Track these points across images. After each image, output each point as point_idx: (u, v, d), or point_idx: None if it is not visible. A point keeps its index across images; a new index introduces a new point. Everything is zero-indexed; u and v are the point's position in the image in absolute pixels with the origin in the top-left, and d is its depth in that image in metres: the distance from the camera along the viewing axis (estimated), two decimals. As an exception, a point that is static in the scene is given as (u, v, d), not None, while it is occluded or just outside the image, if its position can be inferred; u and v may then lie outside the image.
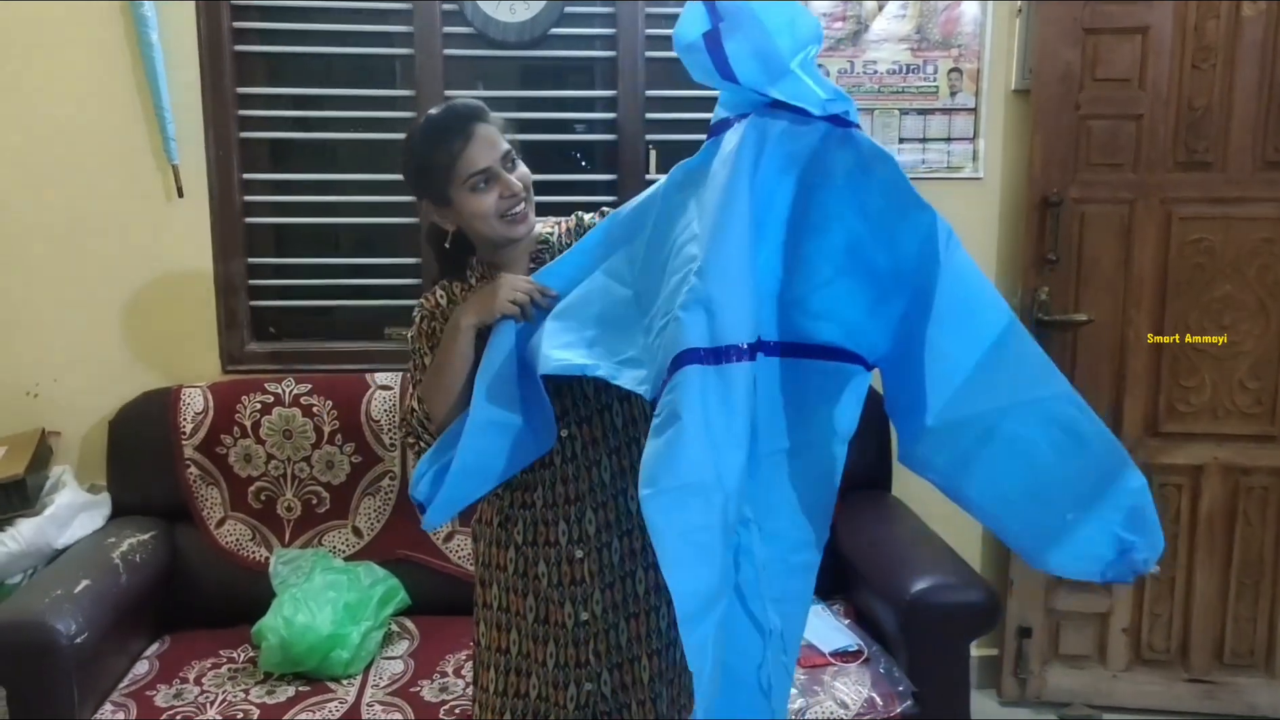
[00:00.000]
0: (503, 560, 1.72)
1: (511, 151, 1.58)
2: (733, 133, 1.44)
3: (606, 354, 1.46)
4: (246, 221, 2.68)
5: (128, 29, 2.51)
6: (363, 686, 2.20)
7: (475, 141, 1.54)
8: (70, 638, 1.97)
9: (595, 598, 1.68)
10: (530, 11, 2.63)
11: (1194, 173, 2.61)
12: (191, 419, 2.50)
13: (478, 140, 1.54)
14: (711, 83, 1.45)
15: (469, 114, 1.56)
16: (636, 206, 1.57)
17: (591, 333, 1.49)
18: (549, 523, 1.67)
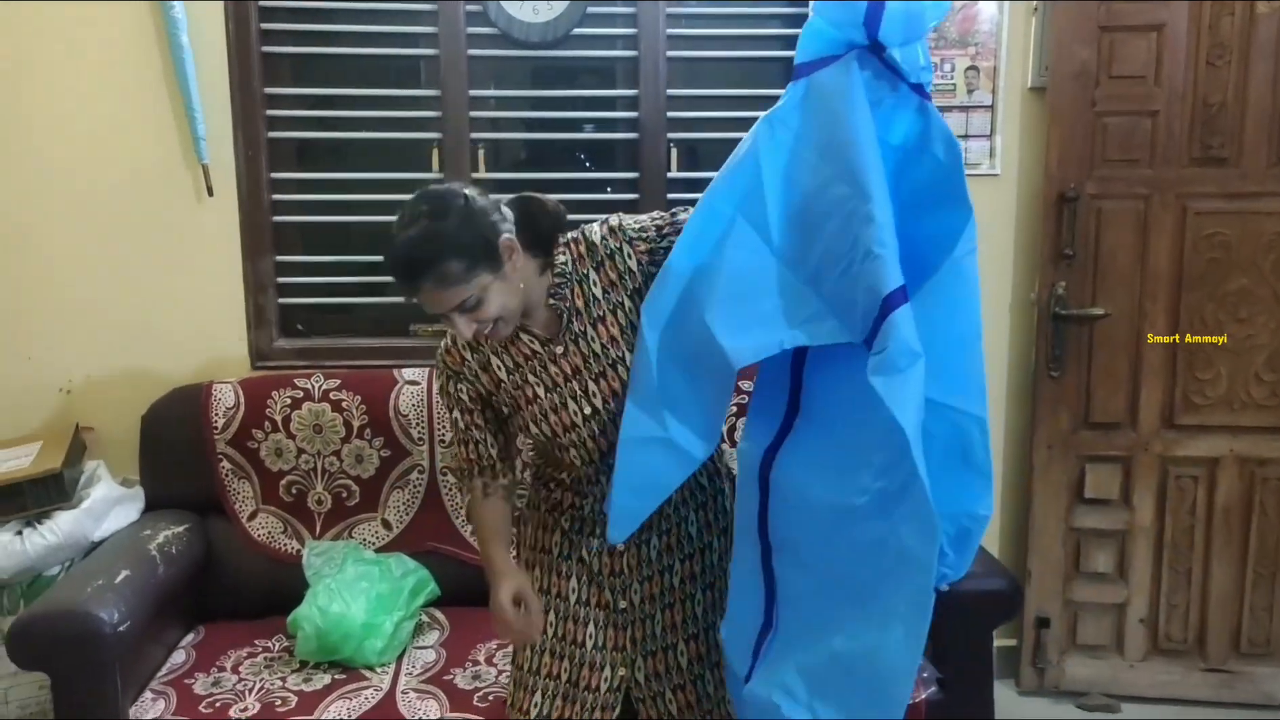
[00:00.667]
0: (548, 544, 1.77)
1: (466, 300, 1.51)
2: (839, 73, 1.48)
3: (786, 322, 1.46)
4: (275, 220, 2.73)
5: (159, 32, 2.55)
6: (396, 675, 2.24)
7: (424, 297, 1.52)
8: (113, 626, 2.01)
9: (634, 588, 1.73)
10: (553, 12, 2.67)
11: (1209, 168, 2.65)
12: (223, 414, 2.54)
13: (425, 297, 1.52)
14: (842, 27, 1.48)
15: (409, 274, 1.51)
16: (735, 177, 1.55)
17: (759, 308, 1.48)
18: (596, 518, 1.72)
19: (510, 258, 1.53)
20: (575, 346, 1.65)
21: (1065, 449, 2.77)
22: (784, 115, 1.53)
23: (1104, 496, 2.78)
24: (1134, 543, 2.79)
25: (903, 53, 1.48)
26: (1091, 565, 2.82)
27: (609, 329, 1.64)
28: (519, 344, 1.66)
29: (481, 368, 1.69)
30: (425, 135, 2.74)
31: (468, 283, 1.49)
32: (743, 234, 1.52)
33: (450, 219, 1.49)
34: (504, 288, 1.53)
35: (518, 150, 2.89)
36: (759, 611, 1.61)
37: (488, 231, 1.51)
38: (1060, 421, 2.75)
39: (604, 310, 1.64)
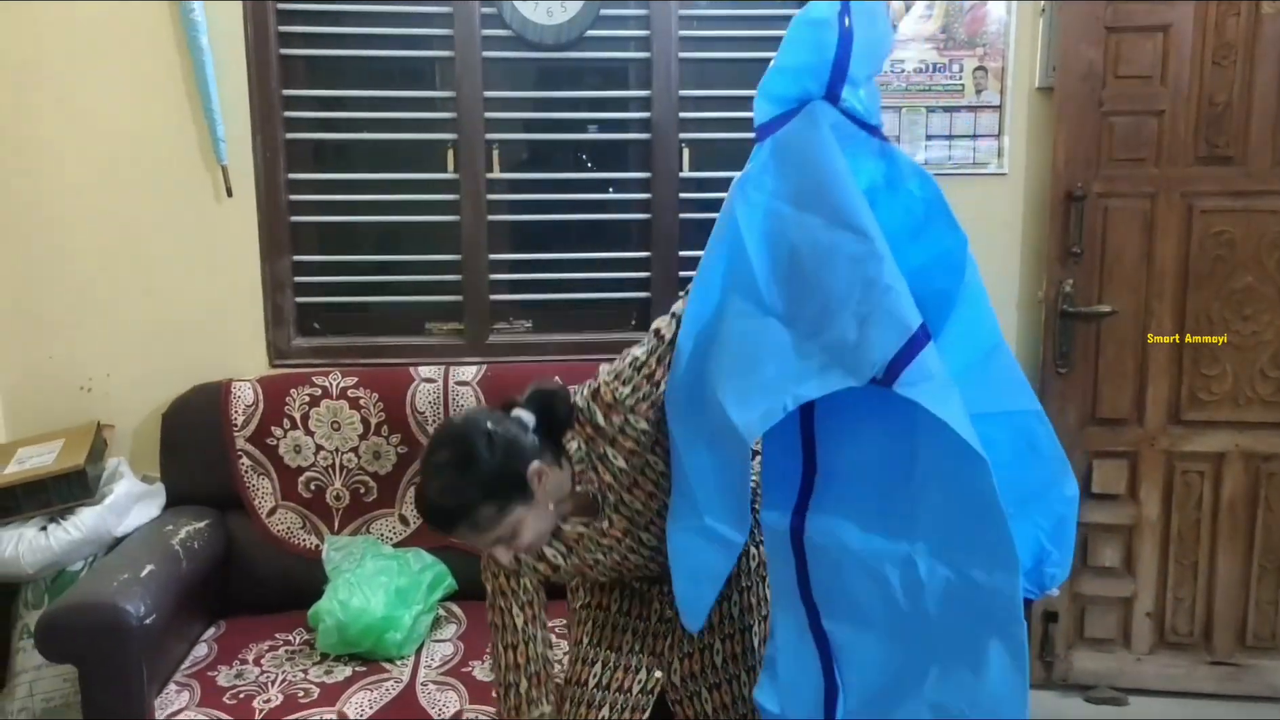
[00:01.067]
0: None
1: (503, 536, 1.53)
2: (803, 124, 1.49)
3: (791, 382, 1.42)
4: (292, 220, 2.77)
5: (178, 35, 2.59)
6: (416, 667, 2.28)
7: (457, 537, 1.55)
8: (139, 619, 2.05)
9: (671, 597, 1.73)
10: (567, 14, 2.71)
11: (1215, 167, 2.68)
12: (243, 411, 2.58)
13: (459, 538, 1.55)
14: (812, 69, 1.49)
15: (444, 525, 1.53)
16: (719, 249, 1.55)
17: (762, 375, 1.45)
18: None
19: (540, 482, 1.53)
20: (618, 514, 1.65)
21: (1073, 445, 2.79)
22: (755, 177, 1.52)
23: (1111, 491, 2.81)
24: (1140, 537, 2.83)
25: (855, 97, 1.50)
26: (1099, 559, 2.85)
27: (644, 488, 1.64)
28: (565, 533, 1.68)
29: (537, 559, 1.70)
30: (441, 136, 2.77)
31: (501, 522, 1.51)
32: (735, 303, 1.51)
33: (476, 467, 1.49)
34: (538, 514, 1.54)
35: (532, 151, 2.92)
36: (817, 674, 1.55)
37: (515, 467, 1.51)
38: (1068, 417, 2.78)
39: (633, 476, 1.63)
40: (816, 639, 1.54)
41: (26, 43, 2.58)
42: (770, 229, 1.50)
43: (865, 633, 1.50)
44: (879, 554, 1.45)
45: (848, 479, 1.51)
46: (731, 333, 1.50)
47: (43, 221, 2.65)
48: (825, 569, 1.50)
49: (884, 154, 1.53)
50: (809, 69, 1.49)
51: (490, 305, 2.84)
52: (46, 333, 2.70)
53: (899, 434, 1.43)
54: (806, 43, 1.50)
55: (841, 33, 1.47)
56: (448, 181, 2.79)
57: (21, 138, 2.62)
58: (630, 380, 1.59)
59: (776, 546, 1.54)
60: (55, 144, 2.63)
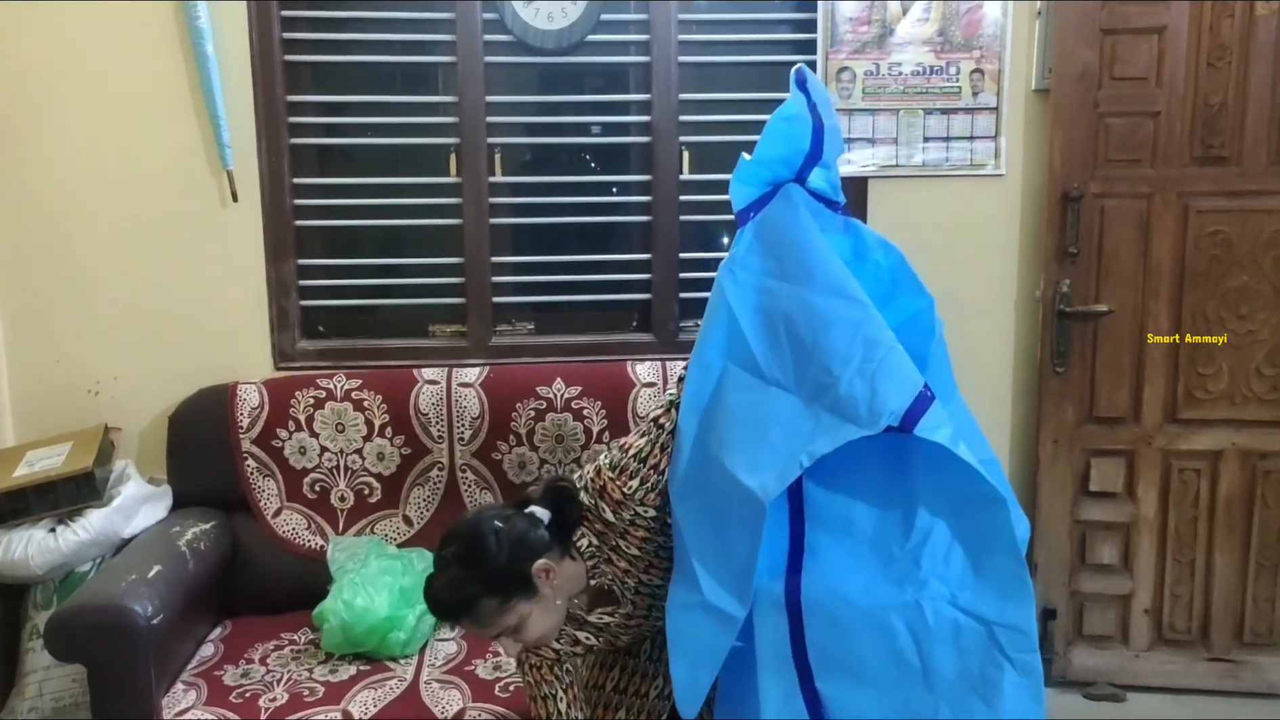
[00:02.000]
0: None
1: (506, 629, 1.58)
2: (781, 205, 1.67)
3: (800, 441, 1.46)
4: (297, 224, 2.79)
5: (184, 41, 2.62)
6: (419, 666, 2.30)
7: (462, 628, 1.63)
8: (148, 619, 2.08)
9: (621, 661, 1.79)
10: (567, 19, 2.73)
11: (1210, 167, 2.70)
12: (248, 414, 2.61)
13: (463, 629, 1.64)
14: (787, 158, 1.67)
15: (447, 616, 1.62)
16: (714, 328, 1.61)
17: (770, 441, 1.50)
18: None
19: (547, 579, 1.59)
20: (639, 595, 1.69)
21: (1070, 443, 2.82)
22: (742, 259, 1.64)
23: (1108, 490, 2.84)
24: (1138, 535, 2.85)
25: (823, 178, 1.68)
26: (1097, 557, 2.87)
27: (660, 567, 1.67)
28: (589, 624, 1.72)
29: (571, 645, 1.75)
30: (443, 140, 2.80)
31: (503, 616, 1.56)
32: (734, 377, 1.57)
33: (481, 564, 1.55)
34: (544, 609, 1.59)
35: (533, 154, 2.95)
36: None
37: (520, 565, 1.57)
38: (1065, 416, 2.80)
39: (649, 560, 1.67)
40: (807, 701, 1.55)
41: (33, 49, 2.61)
42: (763, 304, 1.59)
43: (864, 687, 1.51)
44: (883, 604, 1.48)
45: (844, 534, 1.54)
46: (734, 406, 1.55)
47: (50, 227, 2.69)
48: (823, 627, 1.52)
49: (849, 229, 1.69)
50: (784, 159, 1.67)
51: (493, 307, 2.86)
52: (55, 337, 2.73)
53: (895, 484, 1.48)
54: (784, 136, 1.67)
55: (814, 124, 1.65)
56: (450, 185, 2.81)
57: (29, 144, 2.65)
58: (637, 473, 1.63)
59: (766, 611, 1.54)
60: (62, 150, 2.66)
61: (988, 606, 1.45)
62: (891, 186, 2.82)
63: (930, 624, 1.46)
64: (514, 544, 1.57)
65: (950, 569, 1.47)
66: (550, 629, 1.63)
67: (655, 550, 1.66)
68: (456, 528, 1.63)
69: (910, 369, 1.46)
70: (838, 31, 2.76)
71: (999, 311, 2.88)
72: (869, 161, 2.81)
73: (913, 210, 2.83)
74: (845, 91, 2.77)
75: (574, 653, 1.77)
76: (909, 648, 1.47)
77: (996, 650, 1.45)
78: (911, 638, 1.47)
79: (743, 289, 1.61)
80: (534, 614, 1.58)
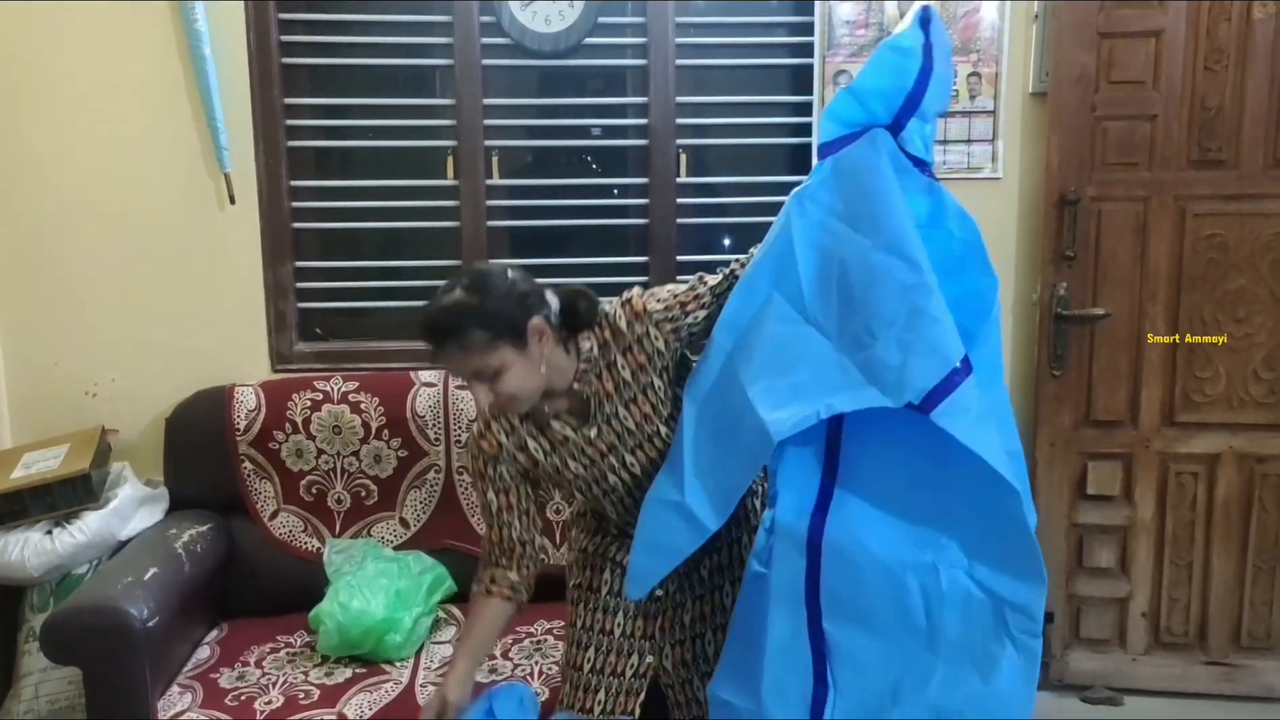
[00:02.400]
0: (586, 544, 1.85)
1: (483, 371, 1.57)
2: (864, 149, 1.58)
3: (824, 391, 1.47)
4: (294, 227, 2.80)
5: (181, 44, 2.62)
6: (415, 668, 2.30)
7: (440, 358, 1.61)
8: (143, 621, 2.08)
9: (670, 579, 1.77)
10: (565, 21, 2.73)
11: (1207, 171, 2.70)
12: (245, 416, 2.61)
13: (445, 360, 1.61)
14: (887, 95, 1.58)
15: (434, 335, 1.59)
16: (770, 255, 1.61)
17: (795, 379, 1.50)
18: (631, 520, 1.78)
19: (538, 340, 1.60)
20: (609, 426, 1.70)
21: (1067, 446, 2.82)
22: (813, 192, 1.60)
23: (1106, 493, 2.83)
24: (1135, 538, 2.85)
25: (919, 132, 1.58)
26: (1094, 560, 2.87)
27: (641, 408, 1.69)
28: (552, 430, 1.72)
29: (518, 448, 1.76)
30: (440, 143, 2.80)
31: (488, 353, 1.56)
32: (778, 307, 1.56)
33: (485, 293, 1.57)
34: (525, 367, 1.59)
35: (530, 157, 2.95)
36: (807, 676, 1.58)
37: (518, 311, 1.58)
38: (1062, 419, 2.80)
39: (635, 392, 1.69)
40: (812, 640, 1.57)
41: (29, 51, 2.62)
42: (823, 243, 1.56)
43: (869, 635, 1.54)
44: (902, 561, 1.50)
45: (875, 488, 1.55)
46: (771, 334, 1.55)
47: (48, 229, 2.69)
48: (839, 571, 1.54)
49: (931, 191, 1.60)
50: (884, 94, 1.57)
51: (490, 310, 2.86)
52: (52, 339, 2.73)
53: (932, 455, 1.48)
54: (890, 69, 1.58)
55: (924, 64, 1.56)
56: (448, 188, 2.82)
57: (26, 147, 2.65)
58: (664, 300, 1.67)
59: (787, 547, 1.56)
60: (59, 153, 2.66)
61: (1002, 584, 1.47)
62: (889, 189, 2.82)
63: (944, 589, 1.48)
64: (520, 293, 1.60)
65: (970, 542, 1.49)
66: (525, 392, 1.61)
67: (644, 387, 1.68)
68: (469, 267, 1.69)
69: (950, 345, 1.43)
70: (835, 34, 2.76)
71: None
72: (866, 164, 2.80)
73: (910, 213, 2.82)
74: (842, 94, 2.77)
75: (516, 456, 1.75)
76: (918, 607, 1.50)
77: (1002, 627, 1.48)
78: (923, 598, 1.50)
79: (808, 223, 1.58)
80: (516, 368, 1.57)
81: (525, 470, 1.78)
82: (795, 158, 2.89)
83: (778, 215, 1.65)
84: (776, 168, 2.91)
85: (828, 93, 2.77)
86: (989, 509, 1.46)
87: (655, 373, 1.68)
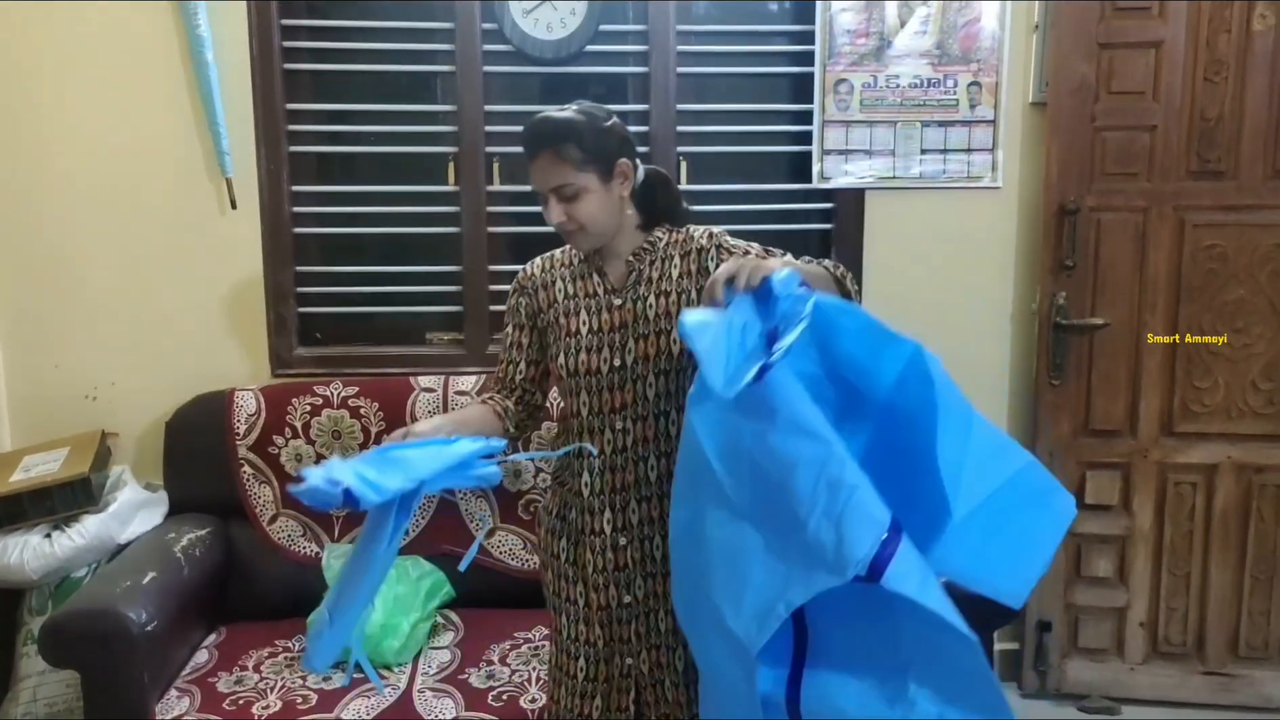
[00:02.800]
0: (557, 549, 1.84)
1: (567, 186, 1.69)
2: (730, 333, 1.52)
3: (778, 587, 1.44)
4: (295, 232, 2.80)
5: (184, 49, 2.64)
6: (413, 674, 2.30)
7: (534, 165, 1.71)
8: (141, 625, 2.08)
9: (638, 583, 1.80)
10: (566, 29, 2.74)
11: (1206, 181, 2.71)
12: (245, 420, 2.62)
13: (536, 165, 1.71)
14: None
15: (538, 139, 1.71)
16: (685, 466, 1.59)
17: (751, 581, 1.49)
18: (595, 511, 1.79)
19: (621, 179, 1.73)
20: (632, 305, 1.77)
21: (1066, 455, 2.82)
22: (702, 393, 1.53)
23: (1104, 502, 2.84)
24: (1134, 548, 2.85)
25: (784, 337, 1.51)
26: (1092, 570, 2.87)
27: (668, 306, 1.76)
28: (588, 281, 1.81)
29: (544, 286, 1.84)
30: (442, 149, 2.81)
31: (576, 172, 1.67)
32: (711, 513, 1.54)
33: (591, 119, 1.71)
34: (603, 199, 1.71)
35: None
36: None
37: (614, 147, 1.72)
38: (1061, 428, 2.81)
39: (672, 290, 1.77)
40: None
41: (32, 55, 2.63)
42: (728, 439, 1.51)
43: None
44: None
45: (842, 652, 1.55)
46: (715, 543, 1.53)
47: (49, 233, 2.70)
48: None
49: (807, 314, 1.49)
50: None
51: (490, 315, 2.87)
52: (53, 342, 2.74)
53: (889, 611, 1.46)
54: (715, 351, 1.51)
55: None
56: (449, 193, 2.82)
57: (28, 150, 2.66)
58: (738, 243, 1.79)
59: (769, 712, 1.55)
60: (61, 157, 2.67)
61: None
62: (888, 198, 2.83)
63: None
64: (621, 135, 1.74)
65: (938, 691, 1.47)
66: (595, 224, 1.71)
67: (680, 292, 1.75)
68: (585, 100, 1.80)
69: (875, 510, 1.40)
70: (836, 43, 2.77)
71: (995, 324, 2.88)
72: (866, 173, 2.81)
73: (910, 222, 2.83)
74: (843, 103, 2.78)
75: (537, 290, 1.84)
76: None
77: None
78: None
79: (709, 424, 1.54)
80: (594, 196, 1.70)
81: (537, 312, 1.85)
82: (795, 165, 2.89)
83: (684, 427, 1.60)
84: (777, 175, 2.92)
85: (828, 101, 2.78)
86: (951, 659, 1.44)
87: (697, 288, 1.75)
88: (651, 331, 1.76)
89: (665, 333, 1.75)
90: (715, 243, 1.79)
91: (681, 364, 1.75)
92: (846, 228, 2.86)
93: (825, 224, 2.89)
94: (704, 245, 1.78)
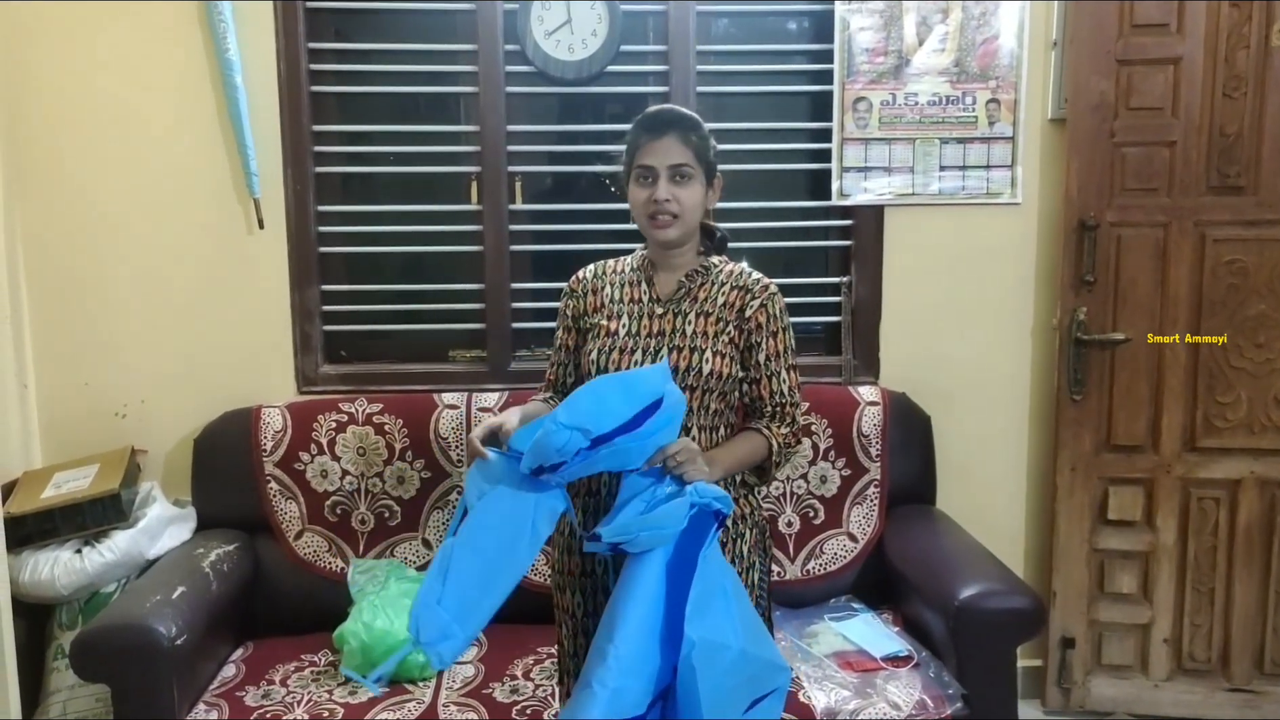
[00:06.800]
0: (554, 559, 1.91)
1: (686, 167, 1.78)
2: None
3: None
4: (321, 251, 2.84)
5: (214, 73, 2.68)
6: (437, 689, 2.32)
7: (657, 143, 1.78)
8: (171, 639, 2.11)
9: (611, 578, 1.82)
10: (588, 50, 2.78)
11: (1226, 196, 2.71)
12: (272, 437, 2.65)
13: (660, 143, 1.78)
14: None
15: (669, 121, 1.81)
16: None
17: None
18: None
19: (716, 190, 1.86)
20: (674, 317, 1.83)
21: (1088, 471, 2.82)
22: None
23: (1127, 518, 2.83)
24: (1157, 564, 2.84)
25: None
26: (1115, 586, 2.87)
27: (707, 326, 1.82)
28: (636, 288, 1.88)
29: (594, 290, 1.92)
30: (465, 169, 2.85)
31: (695, 159, 1.78)
32: None
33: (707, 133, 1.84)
34: (700, 195, 1.81)
35: (551, 181, 2.99)
36: None
37: (716, 161, 1.85)
38: (1083, 444, 2.81)
39: (715, 312, 1.83)
40: None
41: (64, 79, 2.68)
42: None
43: None
44: None
45: None
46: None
47: (80, 253, 2.74)
48: None
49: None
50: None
51: (512, 333, 2.90)
52: (83, 361, 2.78)
53: None
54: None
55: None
56: (471, 212, 2.86)
57: (60, 172, 2.71)
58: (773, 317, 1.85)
59: None
60: (93, 178, 2.72)
61: None
62: (908, 215, 2.85)
63: None
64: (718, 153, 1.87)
65: None
66: (687, 214, 1.80)
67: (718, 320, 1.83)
68: None
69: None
70: (854, 62, 2.79)
71: (1016, 339, 2.89)
72: (885, 190, 2.83)
73: (929, 238, 2.85)
74: (862, 121, 2.80)
75: (586, 292, 1.92)
76: None
77: None
78: None
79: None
80: (696, 189, 1.80)
81: (581, 314, 1.91)
82: (814, 183, 2.91)
83: None
84: (796, 192, 2.94)
85: (847, 118, 2.80)
86: None
87: (733, 323, 1.82)
88: (686, 346, 1.80)
89: (698, 351, 1.79)
90: (764, 297, 1.83)
91: (709, 385, 1.78)
92: (866, 244, 2.88)
93: (845, 241, 2.91)
94: (751, 288, 1.84)
